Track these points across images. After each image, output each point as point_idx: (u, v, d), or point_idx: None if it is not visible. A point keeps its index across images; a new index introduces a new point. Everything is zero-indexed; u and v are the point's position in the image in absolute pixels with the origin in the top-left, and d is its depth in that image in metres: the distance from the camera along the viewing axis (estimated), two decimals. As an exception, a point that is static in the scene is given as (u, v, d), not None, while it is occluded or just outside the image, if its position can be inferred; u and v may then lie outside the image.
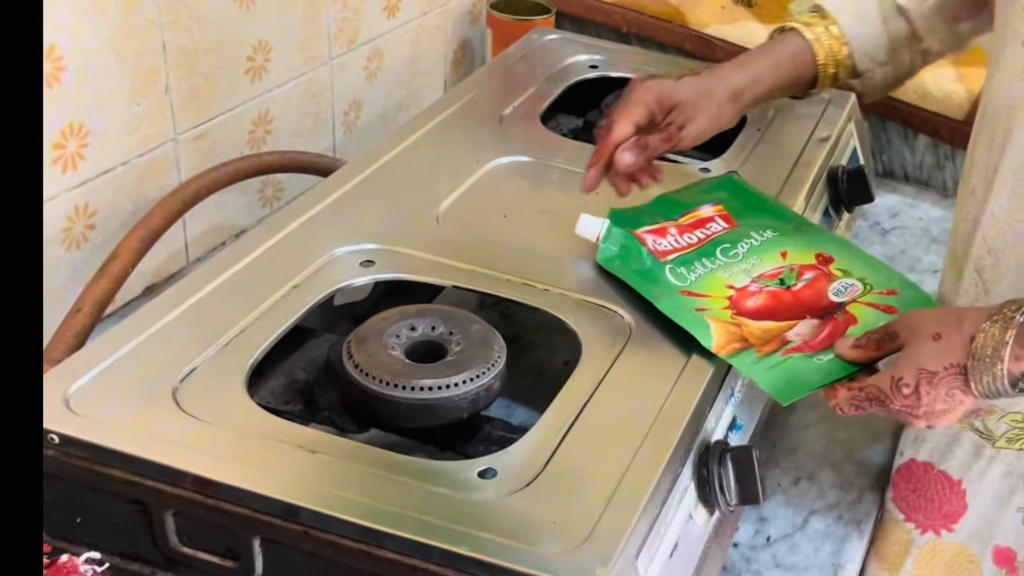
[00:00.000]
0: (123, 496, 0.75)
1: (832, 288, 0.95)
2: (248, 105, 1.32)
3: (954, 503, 1.05)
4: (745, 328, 0.91)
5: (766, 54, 1.10)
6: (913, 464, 1.07)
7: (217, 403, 0.80)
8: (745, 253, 1.00)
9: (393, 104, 1.60)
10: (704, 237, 1.02)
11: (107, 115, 1.13)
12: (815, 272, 0.97)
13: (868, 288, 0.95)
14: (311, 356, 0.92)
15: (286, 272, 0.94)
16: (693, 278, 0.96)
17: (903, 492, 1.08)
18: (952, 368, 0.81)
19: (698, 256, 0.99)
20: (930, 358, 0.81)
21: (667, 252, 0.99)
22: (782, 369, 0.87)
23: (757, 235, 1.02)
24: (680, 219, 1.03)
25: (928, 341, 0.82)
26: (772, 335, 0.90)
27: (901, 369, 0.82)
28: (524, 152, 1.17)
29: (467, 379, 0.83)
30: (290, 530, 0.72)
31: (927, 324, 0.83)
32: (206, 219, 1.30)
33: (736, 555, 1.00)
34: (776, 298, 0.95)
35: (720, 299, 0.94)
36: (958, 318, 0.82)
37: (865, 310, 0.92)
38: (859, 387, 0.84)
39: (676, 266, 0.98)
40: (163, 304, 0.89)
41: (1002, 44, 0.94)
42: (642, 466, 0.76)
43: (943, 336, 0.81)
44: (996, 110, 0.94)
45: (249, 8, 1.28)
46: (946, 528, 1.06)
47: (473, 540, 0.69)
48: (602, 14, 1.74)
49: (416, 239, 1.00)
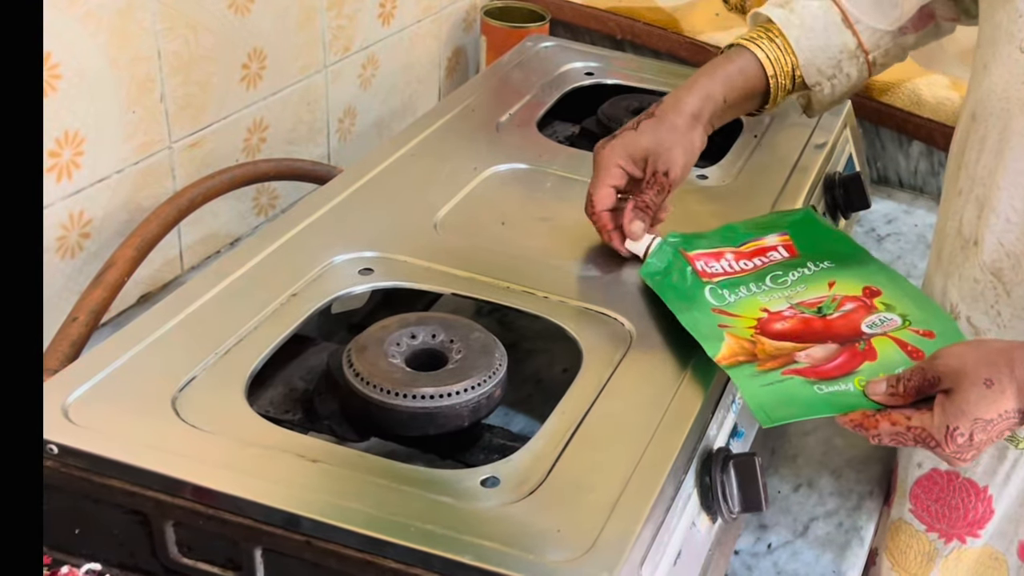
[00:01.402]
0: (123, 506, 0.75)
1: (867, 320, 0.91)
2: (243, 113, 1.32)
3: (980, 510, 1.05)
4: (759, 345, 0.88)
5: (714, 71, 1.09)
6: (935, 474, 1.06)
7: (216, 412, 0.80)
8: (793, 281, 0.97)
9: (388, 111, 1.60)
10: (761, 264, 1.00)
11: (102, 123, 1.13)
12: (856, 303, 0.94)
13: (906, 324, 0.91)
14: (310, 365, 0.91)
15: (284, 280, 0.93)
16: (732, 299, 0.95)
17: (924, 503, 1.07)
18: (1008, 414, 0.79)
19: (747, 280, 0.97)
20: (985, 407, 0.78)
21: (716, 275, 0.97)
22: (775, 389, 0.84)
23: (813, 265, 0.99)
24: (741, 247, 1.01)
25: (980, 387, 0.78)
26: (782, 352, 0.87)
27: (954, 418, 0.79)
28: (521, 159, 1.17)
29: (469, 387, 0.82)
30: (292, 540, 0.71)
31: (975, 369, 0.79)
32: (201, 227, 1.30)
33: (737, 562, 1.00)
34: (806, 324, 0.91)
35: (749, 319, 0.92)
36: (1008, 361, 0.79)
37: (890, 347, 0.88)
38: (906, 425, 0.81)
39: (719, 287, 0.96)
40: (161, 313, 0.89)
41: (993, 48, 0.95)
42: (645, 474, 0.76)
43: (995, 382, 0.78)
44: (989, 113, 0.95)
45: (244, 16, 1.27)
46: (971, 535, 1.06)
47: (476, 549, 0.69)
48: (596, 21, 1.74)
49: (414, 247, 0.99)
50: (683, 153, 1.03)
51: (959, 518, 1.06)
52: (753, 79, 1.09)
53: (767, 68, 1.09)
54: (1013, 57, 0.92)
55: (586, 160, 1.16)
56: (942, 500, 1.06)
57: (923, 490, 1.08)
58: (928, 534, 1.08)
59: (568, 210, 1.08)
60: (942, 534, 1.08)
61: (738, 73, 1.08)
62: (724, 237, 1.02)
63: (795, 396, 0.83)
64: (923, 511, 1.08)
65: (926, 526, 1.08)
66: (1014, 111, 0.92)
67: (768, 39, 1.10)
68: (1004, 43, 0.93)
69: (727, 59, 1.10)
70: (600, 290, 0.96)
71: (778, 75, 1.10)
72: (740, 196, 1.14)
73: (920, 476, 1.07)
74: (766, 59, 1.09)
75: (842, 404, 0.83)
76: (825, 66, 1.12)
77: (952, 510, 1.06)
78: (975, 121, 0.97)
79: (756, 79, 1.09)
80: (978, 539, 1.06)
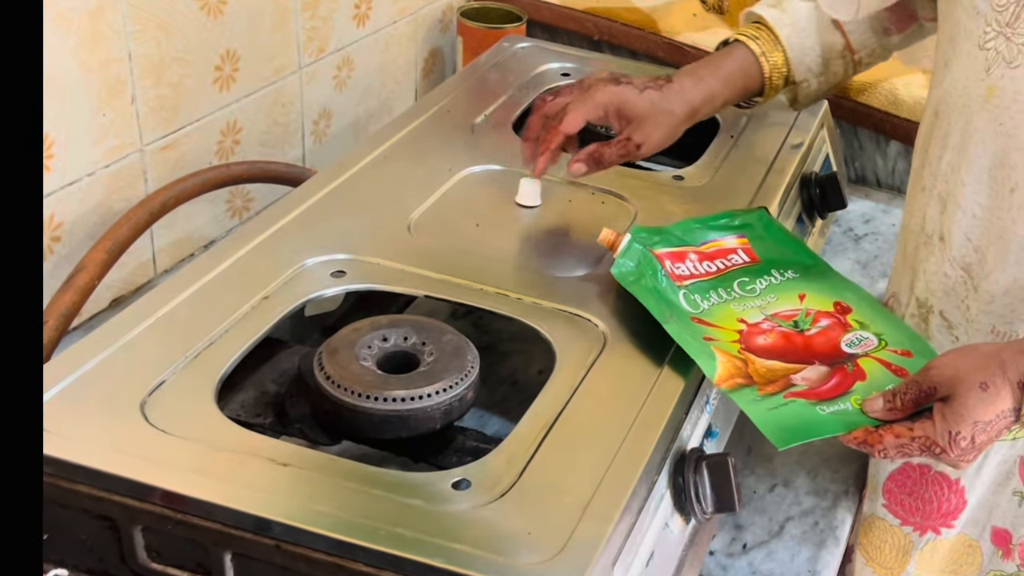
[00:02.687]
0: (91, 512, 0.74)
1: (845, 339, 0.93)
2: (216, 115, 1.31)
3: (953, 501, 1.06)
4: (751, 365, 0.89)
5: (718, 69, 1.12)
6: (907, 468, 1.07)
7: (186, 416, 0.79)
8: (763, 290, 0.98)
9: (363, 113, 1.59)
10: (723, 268, 1.00)
11: (72, 126, 1.12)
12: (831, 320, 0.95)
13: (883, 344, 0.93)
14: (282, 368, 0.91)
15: (256, 283, 0.93)
16: (706, 307, 0.95)
17: (898, 497, 1.08)
18: (1005, 413, 0.81)
19: (714, 286, 0.98)
20: (982, 409, 0.81)
21: (684, 277, 0.97)
22: (782, 413, 0.85)
23: (778, 274, 1.00)
24: (702, 247, 1.02)
25: (976, 392, 0.81)
26: (777, 376, 0.88)
27: (954, 423, 0.81)
28: (496, 161, 1.16)
29: (440, 390, 0.82)
30: (262, 544, 0.71)
31: (969, 375, 0.81)
32: (174, 230, 1.29)
33: (712, 563, 1.00)
34: (787, 339, 0.93)
35: (730, 331, 0.93)
36: (1000, 364, 0.81)
37: (875, 367, 0.90)
38: (910, 436, 0.82)
39: (691, 292, 0.96)
40: (131, 317, 0.88)
41: (952, 46, 0.96)
42: (617, 475, 0.76)
43: (991, 385, 0.81)
44: (951, 109, 0.96)
45: (217, 17, 1.27)
46: (945, 526, 1.07)
47: (447, 552, 0.68)
48: (574, 22, 1.74)
49: (388, 249, 0.99)
50: (664, 138, 1.06)
51: (933, 510, 1.07)
52: (751, 77, 1.13)
53: (763, 67, 1.13)
54: (972, 54, 0.93)
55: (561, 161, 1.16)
56: (915, 493, 1.07)
57: (896, 485, 1.08)
58: (903, 528, 1.09)
59: (543, 212, 1.08)
60: (916, 527, 1.08)
61: (739, 71, 1.13)
62: (684, 232, 1.03)
63: (802, 418, 0.85)
64: (897, 505, 1.09)
65: (900, 520, 1.09)
66: (974, 107, 0.93)
67: (766, 38, 1.14)
68: (963, 40, 0.94)
69: (729, 56, 1.13)
70: (574, 292, 0.96)
71: (772, 75, 1.14)
72: (716, 196, 1.14)
73: (892, 471, 1.08)
74: (763, 57, 1.13)
75: (846, 423, 0.85)
76: (813, 64, 1.16)
77: (926, 503, 1.07)
78: (938, 118, 0.98)
79: (753, 77, 1.14)
80: (952, 529, 1.07)
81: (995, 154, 0.93)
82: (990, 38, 0.92)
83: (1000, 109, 0.92)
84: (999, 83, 0.91)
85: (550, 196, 1.09)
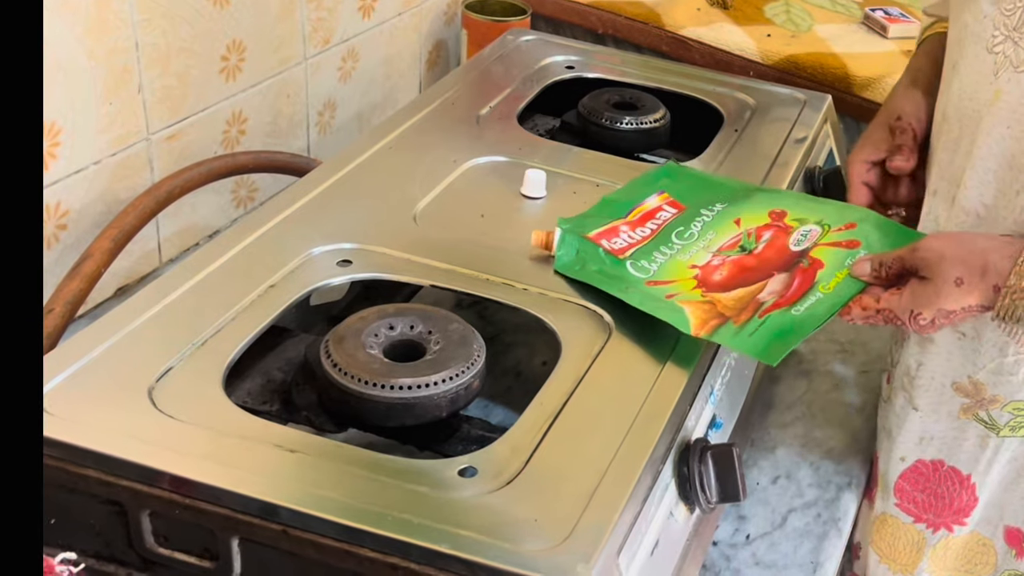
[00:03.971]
0: (98, 496, 0.74)
1: (792, 239, 0.97)
2: (222, 105, 1.31)
3: (965, 498, 1.06)
4: (719, 303, 0.91)
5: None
6: (920, 465, 1.07)
7: (194, 403, 0.79)
8: (700, 231, 1.00)
9: (368, 104, 1.59)
10: (656, 227, 1.02)
11: (79, 114, 1.12)
12: (772, 230, 0.99)
13: (826, 228, 0.97)
14: (288, 356, 0.91)
15: (262, 272, 0.93)
16: (655, 268, 0.97)
17: (910, 495, 1.09)
18: (970, 308, 0.85)
19: (655, 245, 1.00)
20: (951, 301, 0.86)
21: (623, 249, 0.99)
22: (762, 332, 0.88)
23: (707, 211, 1.03)
24: (628, 216, 1.03)
25: (950, 285, 0.85)
26: (745, 302, 0.91)
27: (920, 305, 0.86)
28: (501, 152, 1.17)
29: (446, 378, 0.82)
30: (269, 529, 0.71)
31: (952, 267, 0.86)
32: (180, 219, 1.29)
33: (716, 553, 1.00)
34: (740, 265, 0.95)
35: (687, 281, 0.95)
36: (982, 265, 0.85)
37: (827, 252, 0.94)
38: (875, 308, 0.88)
39: (636, 259, 0.98)
40: (138, 304, 0.88)
41: (960, 48, 0.96)
42: (623, 464, 0.76)
43: (965, 283, 0.85)
44: (960, 113, 0.97)
45: (223, 8, 1.27)
46: (958, 523, 1.07)
47: (453, 538, 0.69)
48: (578, 15, 1.74)
49: (393, 239, 0.99)
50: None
51: (945, 507, 1.07)
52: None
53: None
54: (980, 57, 0.93)
55: (566, 154, 1.17)
56: (928, 490, 1.07)
57: (908, 483, 1.08)
58: (916, 525, 1.09)
59: (548, 203, 1.08)
60: (929, 524, 1.09)
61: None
62: (607, 211, 1.04)
63: (782, 327, 0.88)
64: (909, 503, 1.09)
65: (913, 518, 1.09)
66: (983, 111, 0.94)
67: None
68: (971, 43, 0.94)
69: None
70: (580, 282, 0.96)
71: None
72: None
73: (904, 470, 1.08)
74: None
75: (820, 314, 0.88)
76: None
77: (938, 499, 1.07)
78: (946, 121, 0.98)
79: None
80: (964, 527, 1.07)
81: (1002, 156, 0.93)
82: (998, 42, 0.92)
83: (1007, 112, 0.92)
84: (1007, 87, 0.91)
85: (554, 187, 1.10)
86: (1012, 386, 0.99)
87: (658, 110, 1.27)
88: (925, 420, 1.05)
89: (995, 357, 0.98)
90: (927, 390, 1.04)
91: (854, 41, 1.72)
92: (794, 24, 1.76)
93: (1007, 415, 1.01)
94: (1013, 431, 1.01)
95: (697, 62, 1.66)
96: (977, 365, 1.00)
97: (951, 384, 1.02)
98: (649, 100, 1.29)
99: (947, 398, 1.03)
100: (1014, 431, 1.01)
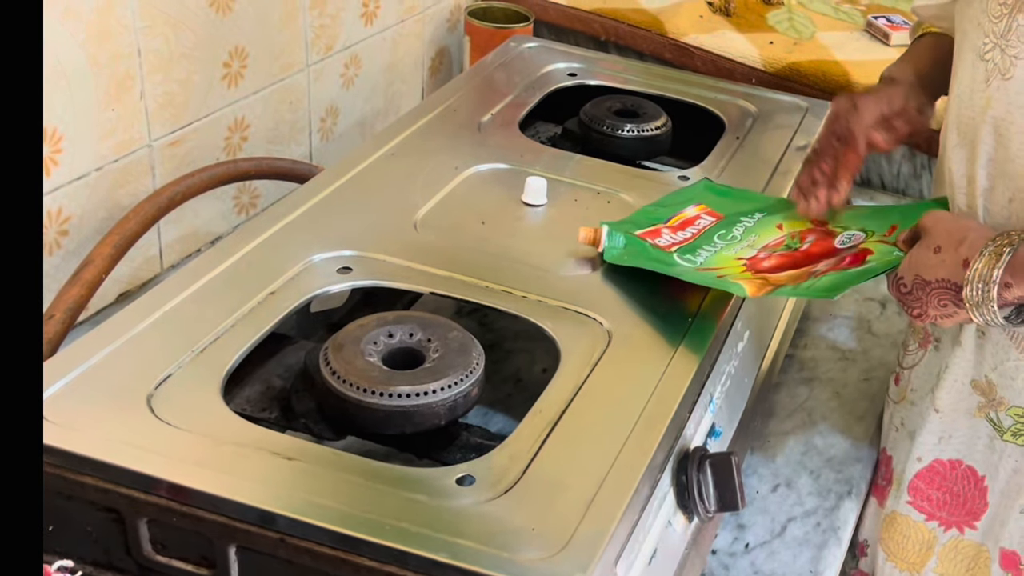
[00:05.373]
0: (96, 504, 0.74)
1: (838, 240, 0.99)
2: (224, 111, 1.31)
3: (977, 500, 1.07)
4: (771, 278, 0.94)
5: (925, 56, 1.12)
6: (937, 464, 1.08)
7: (192, 410, 0.79)
8: (742, 234, 1.03)
9: (370, 111, 1.60)
10: (697, 232, 1.04)
11: (81, 120, 1.12)
12: (816, 234, 1.01)
13: (871, 234, 0.99)
14: (287, 363, 0.91)
15: (262, 279, 0.93)
16: (702, 260, 0.99)
17: (925, 492, 1.09)
18: (943, 282, 0.86)
19: (698, 244, 1.02)
20: (927, 268, 0.87)
21: (669, 246, 1.01)
22: (822, 282, 0.91)
23: (747, 219, 1.05)
24: (668, 222, 1.05)
25: (929, 252, 0.88)
26: (798, 275, 0.94)
27: (903, 268, 0.89)
28: (502, 159, 1.17)
29: (445, 386, 0.82)
30: (266, 537, 0.71)
31: (936, 235, 0.88)
32: (181, 226, 1.29)
33: (715, 562, 1.00)
34: (789, 257, 0.98)
35: (736, 267, 0.97)
36: (960, 240, 0.87)
37: (875, 245, 0.96)
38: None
39: (682, 254, 1.00)
40: (138, 310, 0.88)
41: (960, 57, 0.97)
42: (621, 473, 0.76)
43: (942, 250, 0.87)
44: (960, 121, 0.97)
45: (225, 14, 1.27)
46: (969, 525, 1.08)
47: (451, 547, 0.69)
48: (580, 22, 1.74)
49: (394, 246, 0.99)
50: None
51: (959, 505, 1.07)
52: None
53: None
54: (975, 65, 0.94)
55: (568, 161, 1.17)
56: (944, 488, 1.08)
57: (923, 481, 1.09)
58: (928, 523, 1.10)
59: (549, 210, 1.08)
60: (942, 522, 1.09)
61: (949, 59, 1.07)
62: (647, 217, 1.06)
63: (840, 278, 0.92)
64: (923, 500, 1.09)
65: (925, 515, 1.09)
66: (978, 119, 0.94)
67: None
68: (967, 51, 0.95)
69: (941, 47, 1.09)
70: (579, 290, 0.96)
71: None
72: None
73: (920, 469, 1.08)
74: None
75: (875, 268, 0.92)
76: None
77: (954, 497, 1.07)
78: (949, 130, 0.99)
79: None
80: (975, 531, 1.08)
81: (996, 163, 0.94)
82: (988, 49, 0.92)
83: (997, 120, 0.92)
84: (996, 94, 0.92)
85: (556, 195, 1.10)
86: (1014, 390, 1.00)
87: (660, 117, 1.27)
88: (944, 420, 1.06)
89: (1002, 360, 0.99)
90: (949, 391, 1.05)
91: (857, 49, 1.72)
92: (797, 31, 1.76)
93: (1010, 419, 1.01)
94: (1015, 437, 1.02)
95: (699, 69, 1.66)
96: (990, 364, 1.01)
97: (970, 382, 1.03)
98: (651, 107, 1.29)
99: (965, 396, 1.04)
100: (1015, 437, 1.01)
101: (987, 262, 0.84)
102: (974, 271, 0.84)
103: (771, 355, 1.12)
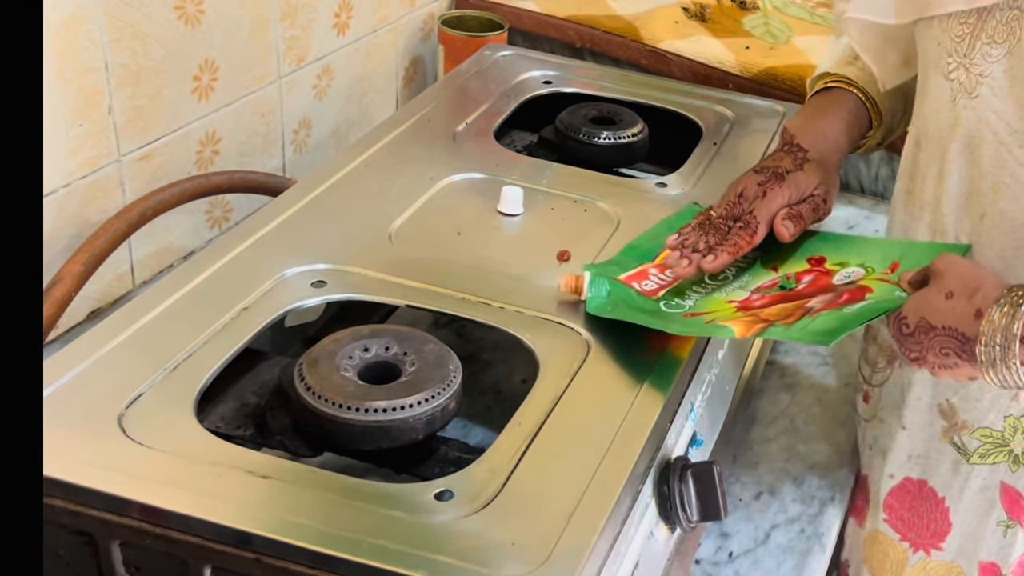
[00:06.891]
0: (67, 527, 0.73)
1: (836, 279, 0.94)
2: (195, 125, 1.30)
3: (939, 521, 1.05)
4: (763, 314, 0.90)
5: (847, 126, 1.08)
6: (907, 482, 1.07)
7: (165, 429, 0.78)
8: (734, 275, 0.98)
9: (344, 122, 1.58)
10: None
11: (48, 136, 1.11)
12: (813, 274, 0.96)
13: (870, 271, 0.94)
14: (262, 379, 0.89)
15: (235, 294, 0.92)
16: (690, 304, 0.95)
17: (898, 512, 1.08)
18: (950, 330, 0.81)
19: (688, 284, 0.97)
20: (934, 312, 0.82)
21: (655, 290, 0.96)
22: (816, 324, 0.86)
23: (741, 260, 1.00)
24: (656, 260, 1.00)
25: (940, 296, 0.82)
26: (790, 311, 0.89)
27: (908, 308, 0.84)
28: (478, 169, 1.16)
29: (422, 400, 0.81)
30: (242, 558, 0.70)
31: (949, 280, 0.83)
32: (153, 241, 1.28)
33: (698, 572, 0.99)
34: (783, 296, 0.93)
35: (727, 311, 0.92)
36: (974, 288, 0.81)
37: (874, 283, 0.91)
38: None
39: (669, 299, 0.95)
40: (108, 328, 0.87)
41: (924, 75, 0.97)
42: (602, 484, 0.75)
43: (954, 297, 0.82)
44: (928, 140, 0.97)
45: (195, 27, 1.26)
46: (935, 547, 1.07)
47: (430, 564, 0.68)
48: (555, 30, 1.73)
49: (368, 258, 0.98)
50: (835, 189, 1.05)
51: (924, 527, 1.07)
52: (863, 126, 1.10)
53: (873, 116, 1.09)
54: (940, 84, 0.94)
55: (544, 170, 1.16)
56: (913, 509, 1.07)
57: (896, 500, 1.08)
58: (901, 543, 1.09)
59: (525, 220, 1.07)
60: (912, 543, 1.08)
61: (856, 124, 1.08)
62: (633, 256, 1.01)
63: (836, 320, 0.86)
64: (897, 520, 1.09)
65: (899, 535, 1.09)
66: (946, 137, 0.94)
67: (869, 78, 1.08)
68: (932, 70, 0.95)
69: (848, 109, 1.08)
70: (557, 300, 0.95)
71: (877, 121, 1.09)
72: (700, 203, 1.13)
73: (893, 487, 1.08)
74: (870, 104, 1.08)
75: (874, 308, 0.87)
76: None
77: (919, 518, 1.07)
78: (917, 147, 0.99)
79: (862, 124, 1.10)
80: (942, 552, 1.07)
81: (967, 182, 0.93)
82: (952, 68, 0.92)
83: (967, 138, 0.92)
84: (963, 112, 0.92)
85: (532, 204, 1.09)
86: (979, 411, 0.99)
87: (636, 124, 1.26)
88: (913, 439, 1.05)
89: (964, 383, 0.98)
90: (915, 410, 1.04)
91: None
92: (772, 36, 1.76)
93: (976, 441, 1.01)
94: (982, 458, 1.01)
95: (675, 75, 1.66)
96: (952, 388, 1.00)
97: (936, 406, 1.02)
98: (627, 114, 1.28)
99: (932, 418, 1.03)
100: (983, 458, 1.01)
101: (1004, 313, 0.78)
102: (989, 322, 0.79)
103: (752, 362, 1.11)
